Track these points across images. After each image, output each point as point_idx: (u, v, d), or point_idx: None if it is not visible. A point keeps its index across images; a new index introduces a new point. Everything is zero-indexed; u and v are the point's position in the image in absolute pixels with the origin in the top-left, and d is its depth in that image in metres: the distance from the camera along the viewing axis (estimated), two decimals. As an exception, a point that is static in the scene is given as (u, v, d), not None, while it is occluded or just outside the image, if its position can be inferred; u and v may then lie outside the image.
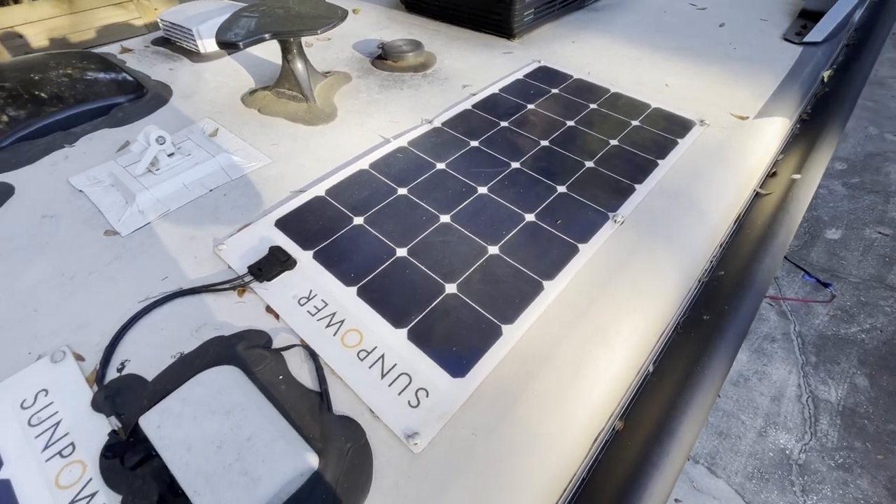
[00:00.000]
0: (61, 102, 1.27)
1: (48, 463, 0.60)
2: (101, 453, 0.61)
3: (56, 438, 0.62)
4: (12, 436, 0.63)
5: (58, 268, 0.86)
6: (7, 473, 0.59)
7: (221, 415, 0.57)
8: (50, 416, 0.65)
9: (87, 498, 0.57)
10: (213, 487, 0.51)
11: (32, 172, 1.10)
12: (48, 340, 0.74)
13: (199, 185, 1.02)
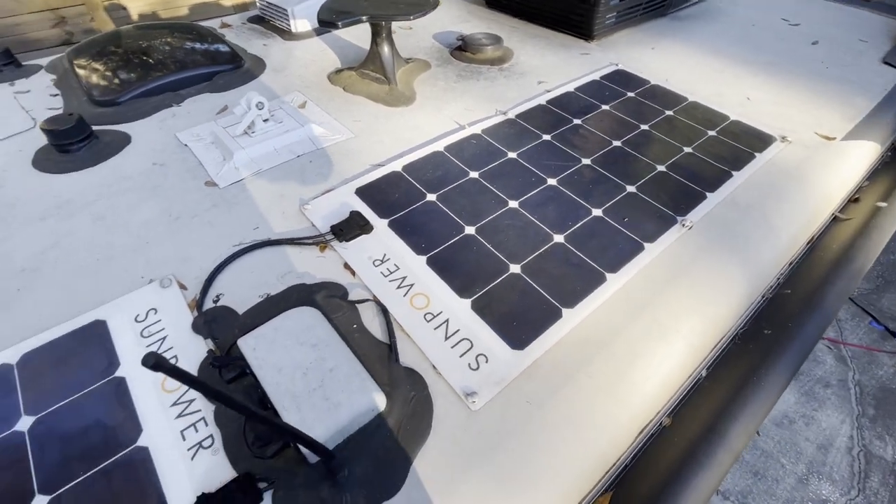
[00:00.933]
0: (172, 67, 1.41)
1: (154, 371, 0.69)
2: (199, 368, 0.69)
3: (162, 350, 0.72)
4: (128, 343, 0.73)
5: (165, 209, 0.97)
6: (122, 372, 0.69)
7: (308, 347, 0.64)
8: (158, 331, 0.74)
9: (187, 403, 0.66)
10: (298, 406, 0.58)
11: (146, 126, 1.23)
12: (157, 268, 0.85)
13: (288, 151, 1.12)
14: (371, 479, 0.59)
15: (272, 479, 0.58)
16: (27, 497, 0.57)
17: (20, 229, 0.94)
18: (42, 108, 1.34)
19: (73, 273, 0.85)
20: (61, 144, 1.11)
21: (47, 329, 0.75)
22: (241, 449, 0.61)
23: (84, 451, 0.61)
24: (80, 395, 0.67)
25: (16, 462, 0.60)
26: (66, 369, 0.70)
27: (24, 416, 0.65)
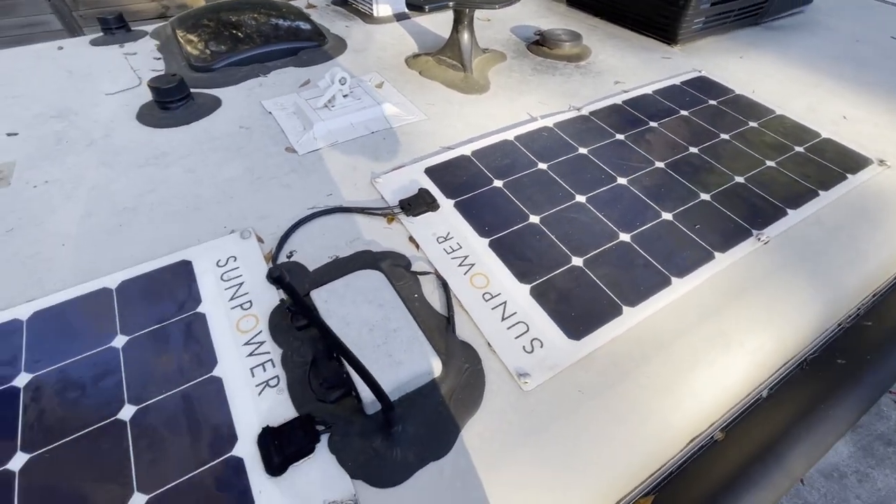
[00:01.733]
0: (261, 40, 1.50)
1: (232, 310, 0.75)
2: (270, 314, 0.74)
3: (239, 294, 0.77)
4: (209, 283, 0.79)
5: (249, 168, 1.04)
6: (204, 309, 0.75)
7: (375, 306, 0.67)
8: (236, 277, 0.80)
9: (257, 344, 0.71)
10: (362, 358, 0.61)
11: (235, 92, 1.32)
12: (238, 221, 0.91)
13: (364, 127, 1.16)
14: (421, 438, 0.61)
15: (330, 423, 0.61)
16: (118, 406, 0.64)
17: (124, 173, 1.03)
18: (146, 69, 1.46)
19: (165, 216, 0.93)
20: (163, 102, 1.21)
21: (141, 263, 0.83)
22: (304, 392, 0.65)
23: (167, 373, 0.68)
24: (166, 324, 0.73)
25: (111, 374, 0.67)
26: (156, 300, 0.77)
27: (119, 334, 0.72)
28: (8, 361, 0.69)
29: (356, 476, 0.58)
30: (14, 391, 0.66)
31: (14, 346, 0.71)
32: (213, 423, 0.63)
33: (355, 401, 0.63)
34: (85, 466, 0.59)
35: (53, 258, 0.85)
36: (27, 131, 1.18)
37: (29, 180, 1.02)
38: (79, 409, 0.64)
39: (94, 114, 1.25)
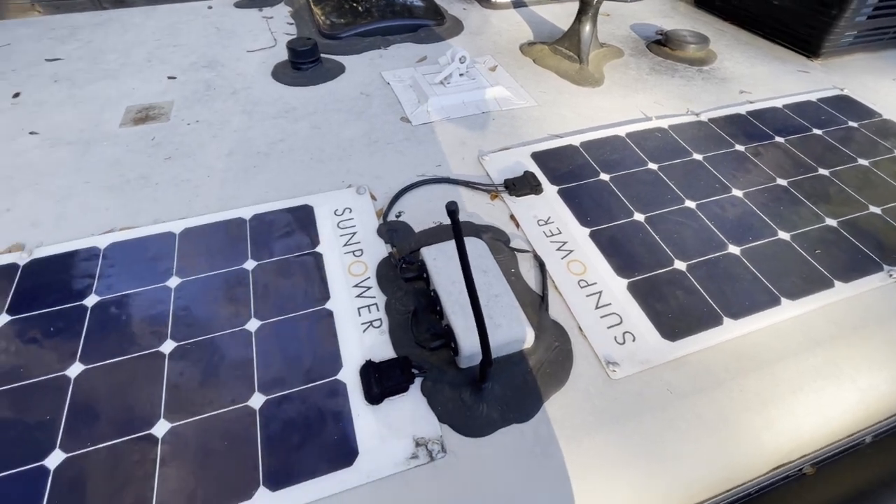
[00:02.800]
0: (386, 15, 1.58)
1: (345, 255, 0.83)
2: (378, 264, 0.81)
3: (352, 242, 0.85)
4: (327, 228, 0.87)
5: (366, 132, 1.12)
6: (322, 250, 0.84)
7: (479, 271, 0.71)
8: (350, 227, 0.88)
9: (365, 288, 0.78)
10: (465, 315, 0.65)
11: (358, 61, 1.41)
12: (355, 178, 0.99)
13: (475, 106, 1.20)
14: (507, 400, 0.65)
15: (425, 369, 0.67)
16: (245, 318, 0.74)
17: (259, 122, 1.15)
18: (281, 32, 1.60)
19: (292, 164, 1.03)
20: (296, 62, 1.33)
21: (270, 201, 0.93)
22: (403, 337, 0.71)
23: (287, 298, 0.76)
24: (289, 257, 0.82)
25: (242, 290, 0.77)
26: (281, 235, 0.86)
27: (250, 259, 0.82)
28: (163, 267, 0.81)
29: (443, 420, 0.63)
30: (167, 291, 0.78)
31: (168, 255, 0.83)
32: (322, 348, 0.70)
33: (451, 353, 0.67)
34: (218, 364, 0.69)
35: (201, 186, 0.97)
36: (184, 76, 1.35)
37: (184, 118, 1.17)
38: (214, 315, 0.75)
39: (237, 67, 1.39)
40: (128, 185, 0.98)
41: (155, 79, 1.34)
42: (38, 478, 0.58)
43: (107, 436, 0.61)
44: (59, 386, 0.66)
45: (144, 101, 1.25)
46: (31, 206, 0.93)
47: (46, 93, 1.29)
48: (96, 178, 1.00)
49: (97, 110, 1.21)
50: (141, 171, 1.01)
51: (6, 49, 1.52)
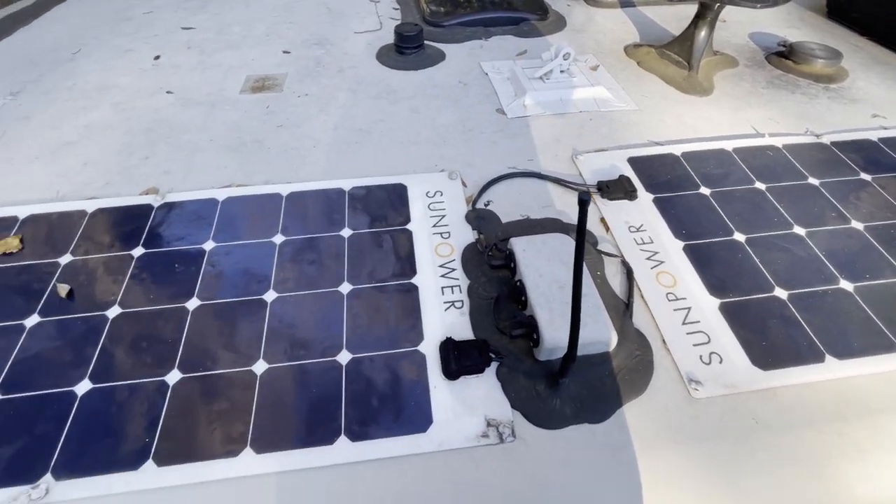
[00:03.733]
0: (490, 6, 1.59)
1: (433, 235, 0.86)
2: (464, 248, 0.83)
3: (441, 224, 0.88)
4: (418, 208, 0.91)
5: (462, 119, 1.15)
6: (412, 227, 0.88)
7: (567, 268, 0.71)
8: (440, 209, 0.91)
9: (449, 269, 0.81)
10: (550, 308, 0.66)
11: (458, 49, 1.44)
12: (448, 163, 1.02)
13: (573, 104, 1.18)
14: (582, 399, 0.65)
15: (503, 355, 0.68)
16: (339, 281, 0.79)
17: (362, 101, 1.22)
18: (386, 17, 1.67)
19: (390, 143, 1.08)
20: (401, 47, 1.38)
21: (368, 176, 0.99)
22: (484, 321, 0.73)
23: (377, 267, 0.81)
24: (381, 230, 0.87)
25: (338, 255, 0.83)
26: (375, 208, 0.91)
27: (346, 227, 0.88)
28: (271, 224, 0.89)
29: (515, 407, 0.64)
30: (272, 246, 0.85)
31: (275, 214, 0.91)
32: (406, 319, 0.74)
33: (531, 343, 0.69)
34: (312, 318, 0.75)
35: (307, 155, 1.05)
36: (297, 52, 1.45)
37: (295, 90, 1.26)
38: (311, 274, 0.81)
39: (344, 47, 1.47)
40: (244, 146, 1.08)
41: (271, 52, 1.45)
42: (161, 389, 0.67)
43: (216, 365, 0.69)
44: (180, 316, 0.75)
45: (262, 71, 1.36)
46: (165, 156, 1.06)
47: (181, 57, 1.44)
48: (219, 137, 1.11)
49: (221, 77, 1.34)
50: (256, 136, 1.11)
51: (150, 16, 1.71)
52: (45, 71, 1.38)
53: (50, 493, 0.58)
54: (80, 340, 0.73)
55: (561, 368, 0.63)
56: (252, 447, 0.62)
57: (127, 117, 1.18)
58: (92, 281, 0.81)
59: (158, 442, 0.62)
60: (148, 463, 0.61)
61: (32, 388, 0.67)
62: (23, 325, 0.75)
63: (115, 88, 1.30)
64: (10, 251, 0.85)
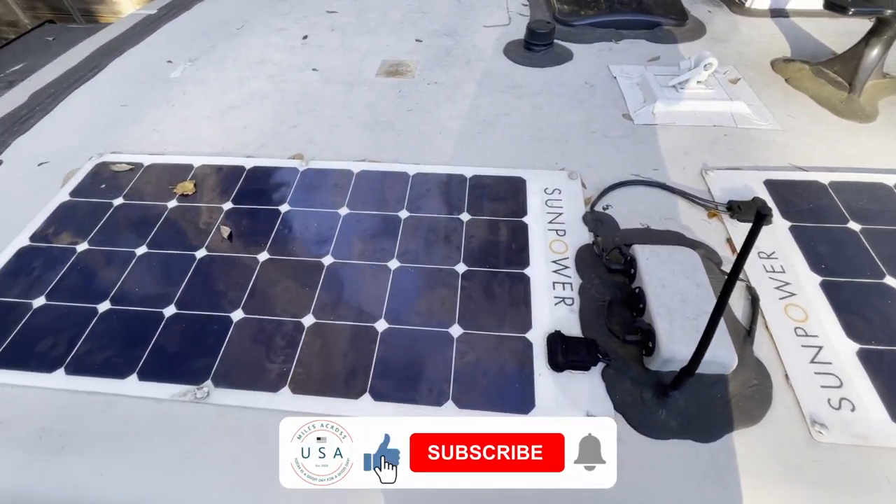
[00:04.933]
0: (624, 8, 1.55)
1: (548, 231, 0.88)
2: (579, 248, 0.85)
3: (557, 221, 0.90)
4: (536, 203, 0.94)
5: (585, 121, 1.15)
6: (528, 221, 0.91)
7: (692, 283, 0.70)
8: (557, 206, 0.93)
9: (563, 266, 0.83)
10: (671, 320, 0.66)
11: (586, 50, 1.43)
12: (568, 162, 1.03)
13: (707, 118, 1.13)
14: (690, 415, 0.64)
15: (610, 357, 0.69)
16: (455, 261, 0.85)
17: (488, 93, 1.26)
18: (515, 12, 1.69)
19: (512, 137, 1.11)
20: (530, 43, 1.40)
21: (488, 166, 1.03)
22: (593, 322, 0.74)
23: (492, 253, 0.85)
24: (498, 219, 0.91)
25: (455, 237, 0.89)
26: (493, 198, 0.95)
27: (465, 212, 0.93)
28: (397, 199, 0.97)
29: (618, 409, 0.65)
30: (397, 220, 0.93)
31: (401, 191, 0.99)
32: (516, 306, 0.78)
33: (642, 351, 0.69)
34: (429, 289, 0.81)
35: (432, 140, 1.12)
36: (428, 41, 1.52)
37: (425, 78, 1.34)
38: (428, 251, 0.87)
39: (472, 39, 1.52)
40: (377, 125, 1.17)
41: (405, 39, 1.55)
42: (297, 328, 0.77)
43: (343, 316, 0.78)
44: (316, 269, 0.85)
45: (395, 57, 1.45)
46: (309, 126, 1.18)
47: (325, 38, 1.58)
48: (356, 114, 1.21)
49: (359, 59, 1.45)
50: (388, 117, 1.20)
51: None
52: (217, 42, 1.59)
53: (210, 395, 0.70)
54: (236, 276, 0.85)
55: (674, 380, 0.62)
56: (371, 394, 0.69)
57: (279, 89, 1.33)
58: (247, 227, 0.94)
59: (294, 372, 0.72)
60: (284, 389, 0.71)
61: (199, 308, 0.81)
62: (194, 255, 0.89)
63: (271, 62, 1.46)
64: (186, 193, 1.02)
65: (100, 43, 1.65)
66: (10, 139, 1.21)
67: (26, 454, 0.67)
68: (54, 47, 2.40)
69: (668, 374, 0.66)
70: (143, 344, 0.77)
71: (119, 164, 1.10)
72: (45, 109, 1.31)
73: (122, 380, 0.73)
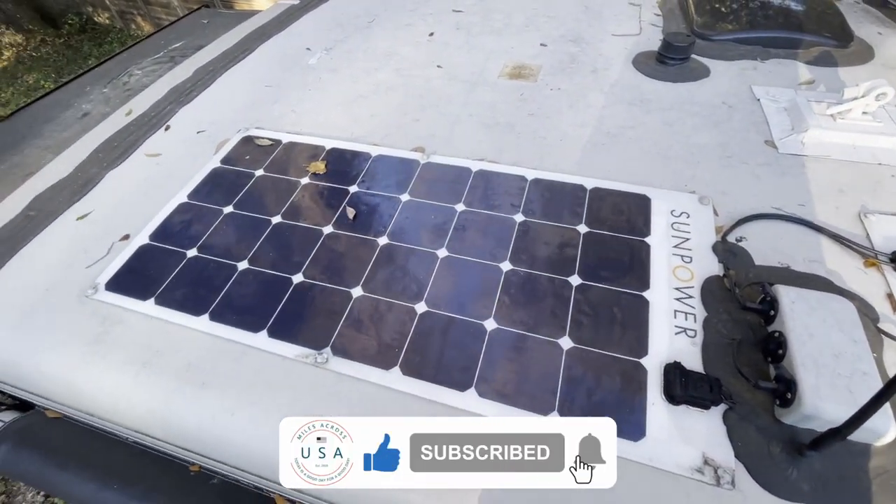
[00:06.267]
0: (775, 24, 1.42)
1: (673, 256, 0.84)
2: (706, 279, 0.80)
3: (683, 246, 0.85)
4: (661, 224, 0.89)
5: (721, 144, 1.07)
6: (651, 242, 0.87)
7: (847, 338, 0.63)
8: (684, 231, 0.88)
9: (686, 295, 0.78)
10: (818, 374, 0.60)
11: (726, 67, 1.33)
12: (700, 185, 0.97)
13: (870, 153, 1.00)
14: (827, 482, 0.58)
15: (735, 401, 0.65)
16: (570, 272, 0.84)
17: (613, 105, 1.22)
18: (646, 22, 1.61)
19: (637, 153, 1.07)
20: (664, 56, 1.33)
21: (610, 180, 1.00)
22: (717, 359, 0.70)
23: (608, 269, 0.83)
24: (617, 235, 0.88)
25: (571, 248, 0.87)
26: (614, 213, 0.92)
27: (583, 224, 0.92)
28: (513, 202, 0.97)
29: (740, 458, 0.61)
30: (512, 223, 0.94)
31: (518, 194, 0.99)
32: (631, 329, 0.75)
33: (776, 401, 0.63)
34: (541, 297, 0.81)
35: (552, 146, 1.11)
36: (553, 46, 1.51)
37: (548, 83, 1.33)
38: (544, 257, 0.87)
39: (599, 48, 1.48)
40: (497, 126, 1.19)
41: (529, 42, 1.54)
42: (411, 314, 0.81)
43: (452, 310, 0.80)
44: (431, 260, 0.89)
45: (518, 60, 1.45)
46: (432, 121, 1.23)
47: (450, 36, 1.62)
48: (477, 113, 1.23)
49: (483, 59, 1.47)
50: (508, 119, 1.21)
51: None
52: (350, 33, 1.71)
53: (329, 362, 0.76)
54: (358, 256, 0.91)
55: (816, 440, 0.56)
56: (476, 389, 0.71)
57: (405, 82, 1.39)
58: (369, 211, 1.00)
59: (405, 354, 0.76)
60: (395, 369, 0.74)
61: (322, 279, 0.88)
62: (321, 231, 0.97)
63: (398, 56, 1.53)
64: (318, 172, 1.10)
65: (251, 28, 1.83)
66: (176, 108, 1.39)
67: (176, 382, 0.78)
68: (207, 29, 2.71)
69: (806, 432, 0.60)
70: (273, 304, 0.85)
71: (262, 138, 1.23)
72: (205, 84, 1.49)
73: (254, 333, 0.81)
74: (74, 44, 6.61)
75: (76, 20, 6.91)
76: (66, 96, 2.20)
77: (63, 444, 0.84)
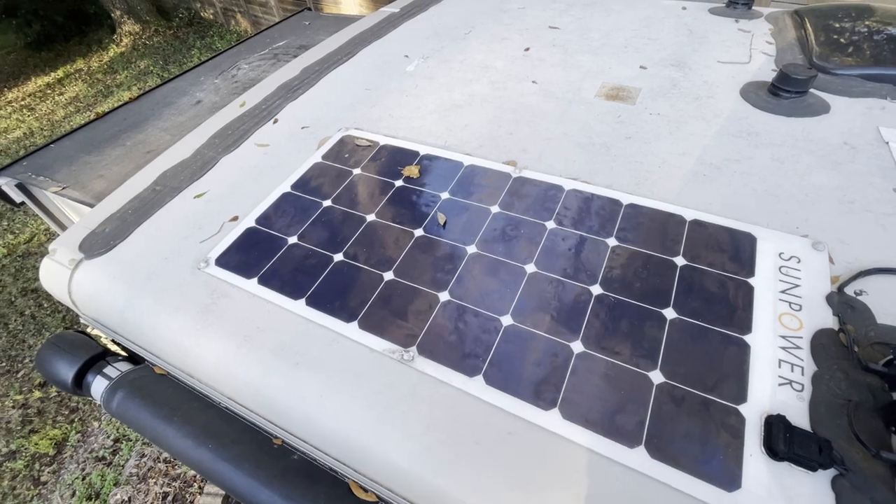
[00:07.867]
0: (911, 61, 1.29)
1: (779, 302, 0.79)
2: (817, 331, 0.74)
3: (791, 293, 0.80)
4: (767, 266, 0.85)
5: (840, 187, 0.99)
6: (755, 283, 0.82)
7: None
8: (794, 277, 0.83)
9: (793, 346, 0.74)
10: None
11: (849, 105, 1.23)
12: (814, 230, 0.91)
13: None
14: (958, 578, 0.52)
15: (847, 467, 0.60)
16: (664, 304, 0.81)
17: (717, 135, 1.17)
18: (757, 50, 1.53)
19: (743, 188, 1.01)
20: (779, 88, 1.26)
21: (712, 214, 0.96)
22: (828, 418, 0.65)
23: (706, 308, 0.80)
24: (717, 273, 0.85)
25: (667, 280, 0.85)
26: (716, 250, 0.88)
27: (680, 255, 0.89)
28: (606, 225, 0.96)
29: (850, 532, 0.56)
30: (605, 246, 0.92)
31: (613, 218, 0.98)
32: (729, 373, 0.71)
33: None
34: (633, 325, 0.79)
35: (651, 172, 1.08)
36: (653, 69, 1.47)
37: (647, 107, 1.30)
38: (637, 286, 0.85)
39: (704, 74, 1.43)
40: (592, 147, 1.18)
41: (628, 64, 1.52)
42: (495, 327, 0.82)
43: (538, 327, 0.81)
44: (518, 275, 0.89)
45: (616, 81, 1.43)
46: (524, 135, 1.24)
47: (546, 53, 1.63)
48: (571, 132, 1.23)
49: (579, 78, 1.47)
50: (604, 140, 1.19)
51: (522, 11, 1.98)
52: (447, 43, 1.76)
53: (414, 360, 0.79)
54: (446, 261, 0.94)
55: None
56: (560, 410, 0.71)
57: (499, 95, 1.42)
58: (459, 219, 1.03)
59: (488, 364, 0.77)
60: (479, 377, 0.76)
61: (412, 280, 0.91)
62: (412, 233, 1.01)
63: (493, 69, 1.56)
64: (411, 176, 1.15)
65: (354, 33, 1.94)
66: (284, 103, 1.50)
67: (272, 359, 0.84)
68: (308, 31, 2.91)
69: (933, 517, 0.54)
70: (364, 297, 0.89)
71: (360, 139, 1.29)
72: (310, 83, 1.60)
73: (346, 323, 0.86)
74: (181, 35, 7.33)
75: (185, 14, 7.64)
76: (184, 84, 2.44)
77: (167, 400, 0.93)
